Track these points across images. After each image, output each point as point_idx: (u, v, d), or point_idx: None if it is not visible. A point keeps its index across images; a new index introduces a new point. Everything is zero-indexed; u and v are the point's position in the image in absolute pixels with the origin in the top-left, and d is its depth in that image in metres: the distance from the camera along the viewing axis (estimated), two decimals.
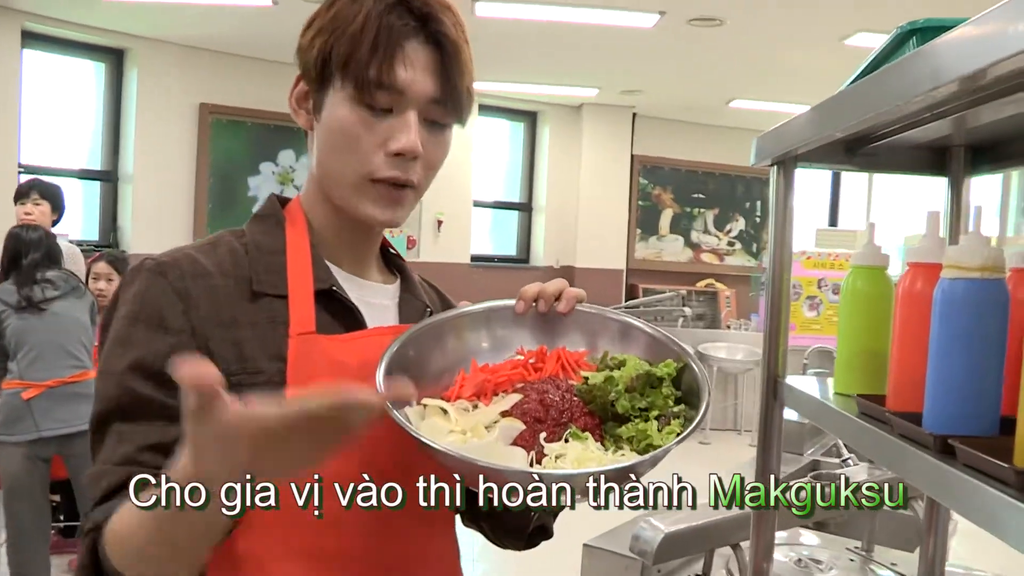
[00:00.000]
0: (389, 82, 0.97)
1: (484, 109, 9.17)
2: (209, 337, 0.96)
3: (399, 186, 1.02)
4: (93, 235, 7.25)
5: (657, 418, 0.98)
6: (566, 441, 0.96)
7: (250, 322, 0.99)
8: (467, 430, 0.95)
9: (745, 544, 1.92)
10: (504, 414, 0.98)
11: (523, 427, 0.96)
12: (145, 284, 0.97)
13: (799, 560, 2.11)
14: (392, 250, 1.20)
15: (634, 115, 9.69)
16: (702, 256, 10.32)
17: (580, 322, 1.13)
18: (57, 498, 4.28)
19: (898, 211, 10.06)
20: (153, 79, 7.23)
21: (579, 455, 0.92)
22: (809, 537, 2.28)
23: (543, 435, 0.95)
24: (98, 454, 0.95)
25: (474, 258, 9.29)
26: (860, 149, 1.28)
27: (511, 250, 9.88)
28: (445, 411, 0.99)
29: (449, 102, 1.01)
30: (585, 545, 2.20)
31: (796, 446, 3.01)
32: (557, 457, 0.93)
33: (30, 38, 6.63)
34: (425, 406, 1.00)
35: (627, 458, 0.93)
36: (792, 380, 1.25)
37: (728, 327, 8.30)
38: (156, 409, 0.94)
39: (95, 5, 6.30)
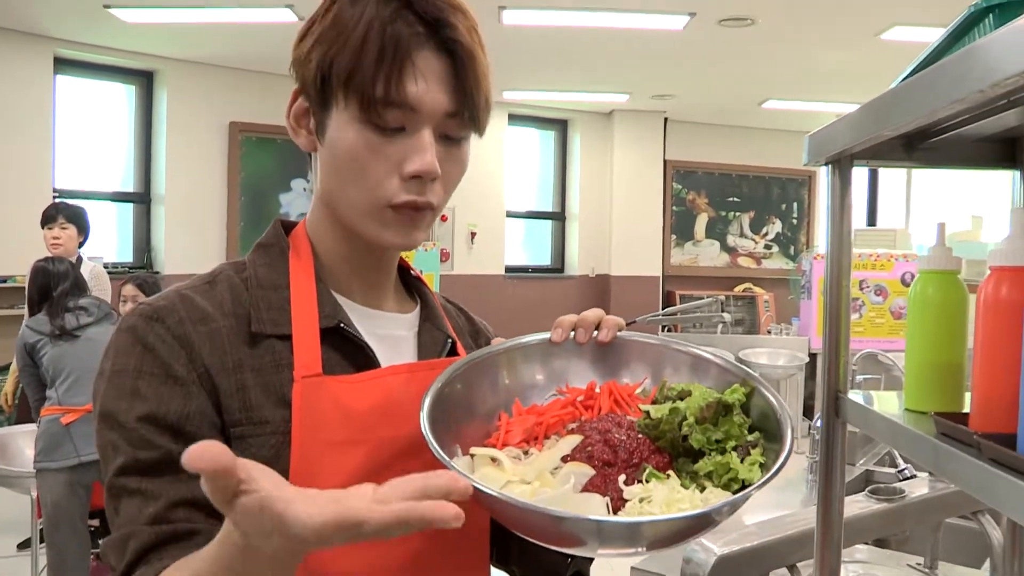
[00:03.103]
0: (400, 99, 0.87)
1: (514, 119, 9.14)
2: (216, 386, 0.87)
3: (418, 209, 0.92)
4: (127, 257, 7.29)
5: (735, 449, 0.90)
6: (645, 482, 0.88)
7: (254, 366, 0.90)
8: (530, 479, 0.86)
9: (802, 564, 1.83)
10: (566, 459, 0.90)
11: (592, 472, 0.88)
12: (143, 333, 0.88)
13: None
14: (413, 272, 1.11)
15: (665, 120, 9.60)
16: (739, 260, 10.19)
17: (624, 352, 1.05)
18: (96, 523, 4.28)
19: (937, 210, 9.85)
20: (183, 99, 7.27)
21: (667, 497, 0.84)
22: (868, 553, 2.17)
23: (622, 478, 0.87)
24: (119, 515, 0.83)
25: (508, 269, 9.24)
26: (920, 144, 1.19)
27: (545, 260, 9.80)
28: (494, 459, 0.90)
29: (466, 114, 0.91)
30: (633, 568, 2.11)
31: (848, 455, 2.88)
32: (641, 500, 0.84)
33: (62, 64, 6.71)
34: (473, 456, 0.92)
35: (716, 496, 0.85)
36: (855, 396, 1.16)
37: (768, 332, 8.14)
38: (179, 463, 0.86)
39: (123, 28, 6.33)
